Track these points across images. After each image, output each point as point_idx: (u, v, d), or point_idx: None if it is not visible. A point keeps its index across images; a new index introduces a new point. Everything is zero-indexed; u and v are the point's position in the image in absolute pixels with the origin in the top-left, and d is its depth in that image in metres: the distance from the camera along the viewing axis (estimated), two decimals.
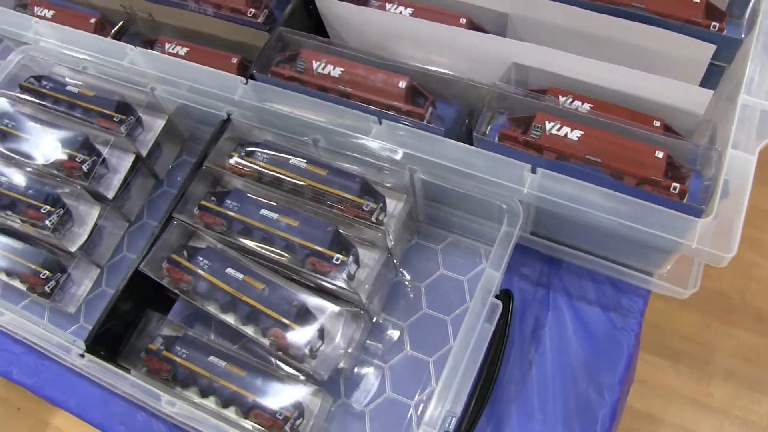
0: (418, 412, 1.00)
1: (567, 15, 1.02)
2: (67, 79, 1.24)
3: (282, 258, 0.98)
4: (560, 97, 1.00)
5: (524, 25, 1.08)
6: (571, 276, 1.09)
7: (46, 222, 1.09)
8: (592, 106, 0.99)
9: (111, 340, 1.03)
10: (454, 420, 0.90)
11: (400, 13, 1.12)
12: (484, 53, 1.05)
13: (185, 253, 1.04)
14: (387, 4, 1.13)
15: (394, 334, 1.06)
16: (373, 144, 0.98)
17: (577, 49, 1.00)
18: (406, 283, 1.09)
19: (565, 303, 1.07)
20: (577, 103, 1.00)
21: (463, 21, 1.09)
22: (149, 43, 1.23)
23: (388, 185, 1.02)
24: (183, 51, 1.21)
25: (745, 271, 2.06)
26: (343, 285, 0.94)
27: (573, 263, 1.09)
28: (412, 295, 1.08)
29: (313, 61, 1.05)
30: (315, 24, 1.18)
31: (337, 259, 0.95)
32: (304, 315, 0.95)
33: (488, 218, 1.04)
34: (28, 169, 1.17)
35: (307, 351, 0.93)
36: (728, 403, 1.91)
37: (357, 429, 1.01)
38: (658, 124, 0.96)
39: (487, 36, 1.06)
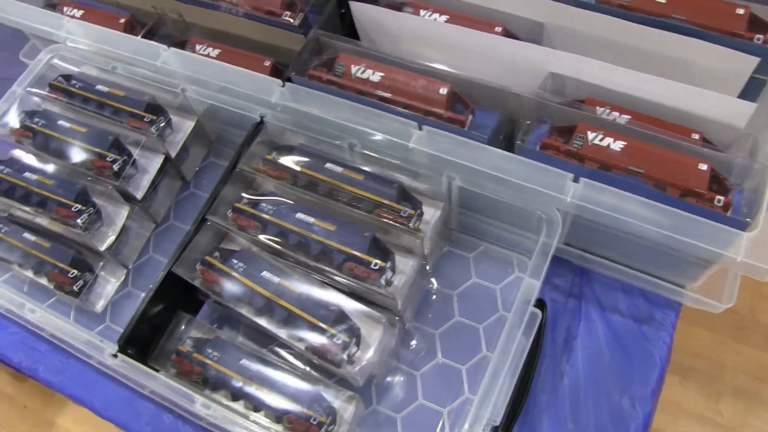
0: (450, 421, 0.99)
1: (604, 25, 1.02)
2: (96, 79, 1.23)
3: (318, 262, 0.97)
4: (598, 107, 1.00)
5: (560, 35, 1.08)
6: (603, 287, 1.09)
7: (78, 221, 1.09)
8: (630, 117, 0.99)
9: (142, 341, 1.02)
10: (489, 429, 0.89)
11: (435, 20, 1.12)
12: (519, 62, 1.05)
13: (218, 255, 1.03)
14: (421, 10, 1.13)
15: (426, 341, 1.05)
16: (413, 150, 0.97)
17: (614, 60, 1.00)
18: (438, 290, 1.09)
19: (596, 314, 1.07)
20: (615, 114, 0.99)
21: (498, 29, 1.09)
22: (179, 45, 1.22)
23: (423, 192, 1.02)
24: (214, 53, 1.20)
25: (757, 289, 2.06)
26: (382, 291, 0.94)
27: (605, 274, 1.09)
28: (443, 303, 1.08)
29: (352, 66, 1.05)
30: (347, 29, 1.18)
31: (375, 265, 0.94)
32: (341, 320, 0.95)
33: (522, 227, 1.03)
34: (58, 167, 1.16)
35: (345, 356, 0.92)
36: (737, 421, 1.91)
37: None
38: (696, 137, 0.96)
39: (524, 44, 1.05)
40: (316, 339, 0.93)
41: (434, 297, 1.08)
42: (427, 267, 1.05)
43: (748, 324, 2.01)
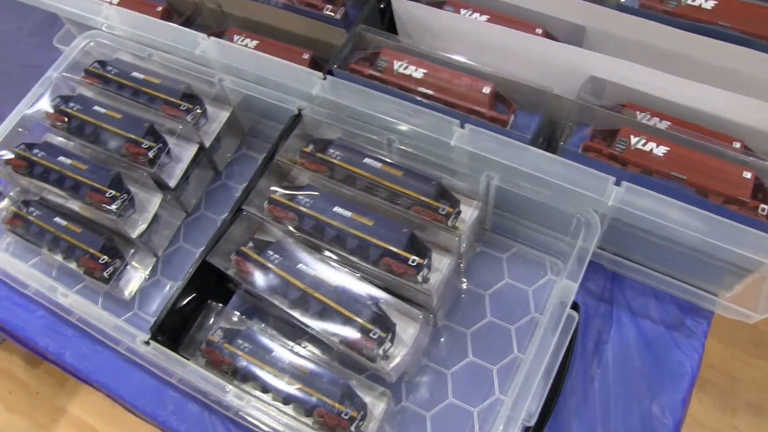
0: (480, 421, 0.99)
1: (647, 31, 1.01)
2: (132, 66, 1.23)
3: (354, 256, 0.97)
4: (638, 113, 1.00)
5: (601, 39, 1.07)
6: (635, 293, 1.08)
7: (112, 206, 1.08)
8: (670, 123, 0.98)
9: (172, 330, 1.02)
10: (521, 429, 0.89)
11: (476, 19, 1.12)
12: (560, 64, 1.05)
13: (253, 246, 1.02)
14: (462, 9, 1.13)
15: (457, 340, 1.05)
16: (454, 147, 0.97)
17: (656, 66, 1.00)
18: (470, 290, 1.08)
19: (628, 319, 1.06)
20: (655, 119, 0.99)
21: (539, 31, 1.08)
22: (216, 35, 1.22)
23: (459, 190, 1.02)
24: (252, 44, 1.20)
25: None
26: (419, 288, 0.93)
27: (636, 279, 1.08)
28: (475, 303, 1.07)
29: (395, 61, 1.05)
30: (386, 24, 1.18)
31: (413, 261, 0.94)
32: (378, 315, 0.94)
33: (556, 230, 1.03)
34: (93, 152, 1.16)
35: (380, 352, 0.92)
36: None
37: None
38: (738, 145, 0.96)
39: (565, 46, 1.05)
40: (351, 333, 0.93)
41: (465, 296, 1.08)
42: (461, 266, 1.04)
43: (764, 339, 2.00)
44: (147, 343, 0.97)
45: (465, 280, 1.09)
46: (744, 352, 1.99)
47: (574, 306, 1.00)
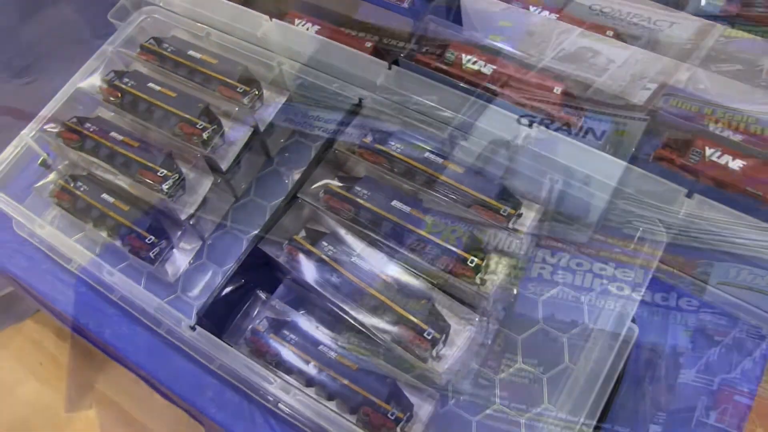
0: (527, 430, 0.96)
1: (724, 37, 0.98)
2: (188, 44, 1.21)
3: (411, 253, 0.94)
4: (710, 123, 0.97)
5: (675, 45, 1.04)
6: (692, 308, 1.05)
7: (163, 186, 1.06)
8: (743, 136, 0.95)
9: (218, 316, 1.00)
10: None
11: (545, 17, 1.09)
12: (630, 68, 1.02)
13: (305, 235, 1.00)
14: (531, 6, 1.10)
15: (508, 345, 1.02)
16: (520, 147, 0.94)
17: (733, 76, 0.97)
18: (523, 295, 1.05)
19: (683, 336, 1.03)
20: (729, 132, 0.96)
21: (609, 34, 1.06)
22: (276, 18, 1.19)
23: (520, 192, 0.99)
24: (314, 29, 1.18)
25: None
26: (476, 290, 0.91)
27: (695, 295, 1.05)
28: (527, 309, 1.04)
29: (463, 55, 1.02)
30: (453, 17, 1.15)
31: (471, 261, 0.91)
32: (433, 315, 0.92)
33: (616, 238, 1.00)
34: (145, 130, 1.14)
35: (433, 353, 0.89)
36: None
37: None
38: None
39: (637, 50, 1.02)
40: (404, 332, 0.90)
41: (517, 301, 1.05)
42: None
43: None
44: (193, 328, 0.95)
45: (517, 284, 1.06)
46: None
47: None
